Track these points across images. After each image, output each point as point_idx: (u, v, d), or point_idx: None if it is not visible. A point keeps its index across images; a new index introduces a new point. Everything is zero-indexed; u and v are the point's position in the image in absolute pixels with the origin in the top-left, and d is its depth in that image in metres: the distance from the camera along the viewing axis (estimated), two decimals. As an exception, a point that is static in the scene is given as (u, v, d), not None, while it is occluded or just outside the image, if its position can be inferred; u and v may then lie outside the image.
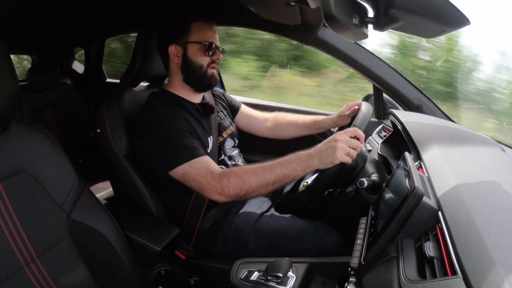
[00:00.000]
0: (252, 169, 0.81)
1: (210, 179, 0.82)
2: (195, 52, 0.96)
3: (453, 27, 0.56)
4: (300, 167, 0.79)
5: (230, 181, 0.80)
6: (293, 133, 1.24)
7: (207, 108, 1.02)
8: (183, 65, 0.98)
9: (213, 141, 0.99)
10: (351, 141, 0.76)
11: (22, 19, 1.23)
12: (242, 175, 0.80)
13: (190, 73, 0.98)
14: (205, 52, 0.96)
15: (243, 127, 1.26)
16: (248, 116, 1.26)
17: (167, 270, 0.88)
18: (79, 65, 2.25)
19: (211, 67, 0.98)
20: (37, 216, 0.69)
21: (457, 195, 0.54)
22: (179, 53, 0.97)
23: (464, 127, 1.02)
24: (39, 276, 0.68)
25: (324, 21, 0.53)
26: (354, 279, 0.58)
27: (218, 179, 0.81)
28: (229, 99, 1.24)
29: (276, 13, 1.08)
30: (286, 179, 0.80)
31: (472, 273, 0.38)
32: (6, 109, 0.64)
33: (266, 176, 0.79)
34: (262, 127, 1.27)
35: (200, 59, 0.96)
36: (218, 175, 0.82)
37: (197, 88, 1.02)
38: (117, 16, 1.43)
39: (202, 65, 0.97)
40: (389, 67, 1.22)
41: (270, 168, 0.80)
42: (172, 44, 0.96)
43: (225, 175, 0.81)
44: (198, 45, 0.96)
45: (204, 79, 0.98)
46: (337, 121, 1.12)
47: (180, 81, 1.00)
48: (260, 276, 0.71)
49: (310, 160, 0.78)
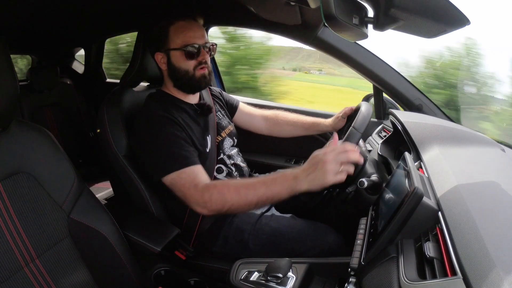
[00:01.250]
0: (235, 187, 0.78)
1: (193, 191, 0.81)
2: (177, 58, 0.94)
3: (453, 27, 0.56)
4: (286, 190, 0.74)
5: (212, 197, 0.79)
6: (291, 133, 1.26)
7: (204, 108, 1.01)
8: (170, 71, 0.97)
9: (212, 141, 0.99)
10: (341, 157, 0.69)
11: (22, 19, 1.23)
12: (224, 192, 0.79)
13: (178, 79, 0.97)
14: (187, 57, 0.93)
15: (242, 125, 1.26)
16: (247, 114, 1.26)
17: (167, 270, 0.88)
18: (79, 65, 2.25)
19: (199, 69, 0.95)
20: (37, 216, 0.69)
21: (457, 195, 0.54)
22: (164, 60, 0.96)
23: (464, 127, 1.02)
24: (38, 276, 0.68)
25: (324, 21, 0.53)
26: (354, 279, 0.58)
27: (200, 193, 0.80)
28: (226, 98, 1.24)
29: (276, 13, 1.08)
30: (270, 200, 0.77)
31: (472, 273, 0.38)
32: (6, 109, 0.64)
33: (249, 197, 0.77)
34: (260, 125, 1.27)
35: (184, 64, 0.94)
36: (201, 188, 0.81)
37: (188, 91, 1.01)
38: (117, 16, 1.43)
39: (187, 70, 0.94)
40: (389, 67, 1.22)
41: (254, 188, 0.77)
42: (157, 52, 0.96)
43: (207, 190, 0.80)
44: (179, 52, 0.93)
45: (192, 82, 0.96)
46: (333, 124, 1.14)
47: (172, 85, 1.00)
48: (260, 277, 0.71)
49: (296, 183, 0.73)
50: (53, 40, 1.80)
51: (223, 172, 1.01)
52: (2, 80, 0.62)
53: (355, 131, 0.80)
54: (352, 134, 0.80)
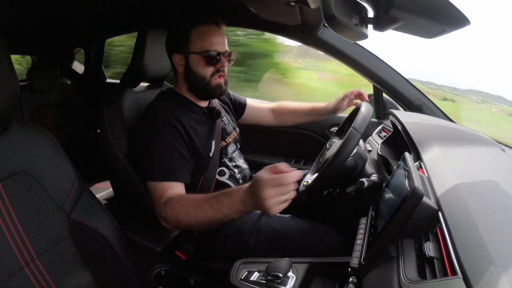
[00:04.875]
0: (186, 207, 0.76)
1: (157, 204, 0.82)
2: (196, 63, 0.93)
3: (453, 27, 0.56)
4: (236, 213, 0.71)
5: (168, 214, 0.79)
6: (295, 120, 1.31)
7: (214, 113, 1.01)
8: (186, 75, 0.96)
9: (216, 146, 0.99)
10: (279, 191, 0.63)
11: (22, 19, 1.23)
12: (176, 210, 0.77)
13: (193, 84, 0.96)
14: (206, 63, 0.92)
15: (252, 121, 1.30)
16: (256, 109, 1.29)
17: (167, 270, 0.88)
18: (79, 65, 2.25)
19: (216, 77, 0.94)
20: (37, 217, 0.69)
21: (457, 195, 0.54)
22: (182, 62, 0.95)
23: (464, 127, 1.02)
24: (39, 277, 0.68)
25: (324, 21, 0.53)
26: (354, 279, 0.58)
27: (160, 207, 0.80)
28: (234, 97, 1.23)
29: (276, 13, 1.08)
30: (221, 221, 0.73)
31: (472, 273, 0.38)
32: (6, 110, 0.64)
33: (198, 217, 0.74)
34: (269, 118, 1.32)
35: (202, 70, 0.93)
36: (162, 203, 0.80)
37: (202, 97, 1.01)
38: (117, 16, 1.43)
39: (204, 76, 0.93)
40: (389, 67, 1.23)
41: (202, 210, 0.74)
42: (175, 53, 0.95)
43: (165, 206, 0.79)
44: (199, 56, 0.92)
45: (207, 89, 0.95)
46: (335, 107, 1.20)
47: (186, 88, 0.99)
48: (260, 277, 0.71)
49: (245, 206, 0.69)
50: (53, 40, 1.80)
51: (226, 174, 1.02)
52: (2, 80, 0.62)
53: (355, 132, 0.80)
54: (352, 135, 0.80)
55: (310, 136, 1.50)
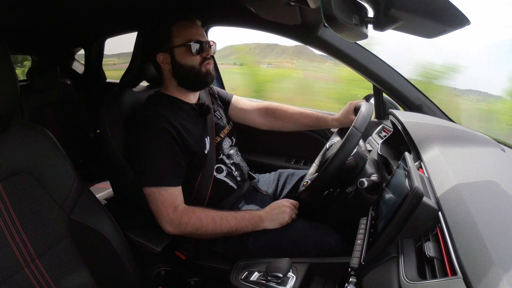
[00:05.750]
0: (212, 216, 0.87)
1: (171, 211, 0.85)
2: (183, 55, 0.94)
3: (453, 27, 0.56)
4: (252, 226, 0.90)
5: (190, 221, 0.85)
6: (292, 127, 1.19)
7: (203, 109, 1.01)
8: (174, 70, 0.97)
9: (210, 142, 0.99)
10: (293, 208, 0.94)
11: (22, 19, 1.23)
12: (202, 219, 0.86)
13: (183, 77, 0.97)
14: (193, 52, 0.94)
15: (237, 120, 1.22)
16: (240, 109, 1.20)
17: (167, 270, 0.88)
18: (79, 65, 2.25)
19: (204, 65, 0.96)
20: (37, 217, 0.69)
21: (457, 195, 0.54)
22: (167, 60, 0.96)
23: (464, 127, 1.02)
24: (39, 277, 0.68)
25: (324, 21, 0.53)
26: (354, 279, 0.58)
27: (179, 215, 0.85)
28: (219, 93, 1.21)
29: (276, 13, 1.08)
30: (237, 232, 0.89)
31: (472, 273, 0.38)
32: (6, 110, 0.64)
33: (222, 227, 0.87)
34: (257, 120, 1.21)
35: (189, 60, 0.95)
36: (180, 211, 0.86)
37: (194, 88, 1.02)
38: (117, 16, 1.43)
39: (193, 65, 0.95)
40: (389, 67, 1.22)
41: (227, 220, 0.88)
42: (159, 53, 0.96)
43: (187, 214, 0.86)
44: (184, 48, 0.94)
45: (199, 78, 0.97)
46: (341, 120, 1.08)
47: (175, 85, 1.00)
48: (260, 277, 0.71)
49: (261, 222, 0.90)
50: (53, 40, 1.80)
51: (223, 172, 1.02)
52: (2, 80, 0.62)
53: (355, 131, 0.80)
54: (353, 133, 0.80)
55: (310, 136, 1.50)
